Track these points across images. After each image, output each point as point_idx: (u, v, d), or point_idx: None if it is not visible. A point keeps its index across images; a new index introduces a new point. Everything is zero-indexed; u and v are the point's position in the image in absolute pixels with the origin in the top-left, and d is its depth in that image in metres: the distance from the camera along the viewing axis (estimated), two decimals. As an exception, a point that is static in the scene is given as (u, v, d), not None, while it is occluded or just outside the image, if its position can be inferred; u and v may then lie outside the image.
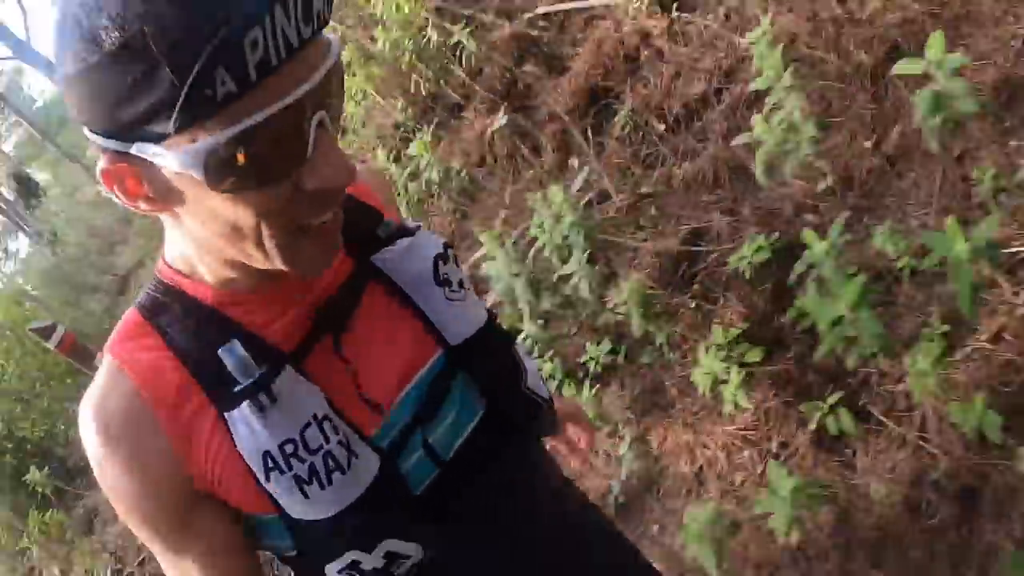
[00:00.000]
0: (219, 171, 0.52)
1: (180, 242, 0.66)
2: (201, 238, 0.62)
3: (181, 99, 0.48)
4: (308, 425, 0.65)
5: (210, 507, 0.68)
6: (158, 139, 0.52)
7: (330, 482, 0.65)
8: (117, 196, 0.57)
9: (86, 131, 0.56)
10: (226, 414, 0.64)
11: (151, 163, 0.53)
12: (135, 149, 0.53)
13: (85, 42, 0.49)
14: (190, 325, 0.66)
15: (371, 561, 0.69)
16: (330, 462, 0.65)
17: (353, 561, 0.69)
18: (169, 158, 0.52)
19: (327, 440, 0.65)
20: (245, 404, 0.63)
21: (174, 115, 0.49)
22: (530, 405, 0.81)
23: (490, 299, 2.43)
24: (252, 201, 0.55)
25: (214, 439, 0.65)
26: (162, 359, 0.65)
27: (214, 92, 0.48)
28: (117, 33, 0.48)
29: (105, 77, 0.50)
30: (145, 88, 0.49)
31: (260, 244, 0.58)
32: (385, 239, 0.75)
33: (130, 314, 0.69)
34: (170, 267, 0.68)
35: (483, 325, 0.77)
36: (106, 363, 0.67)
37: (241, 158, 0.52)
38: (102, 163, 0.56)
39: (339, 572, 0.69)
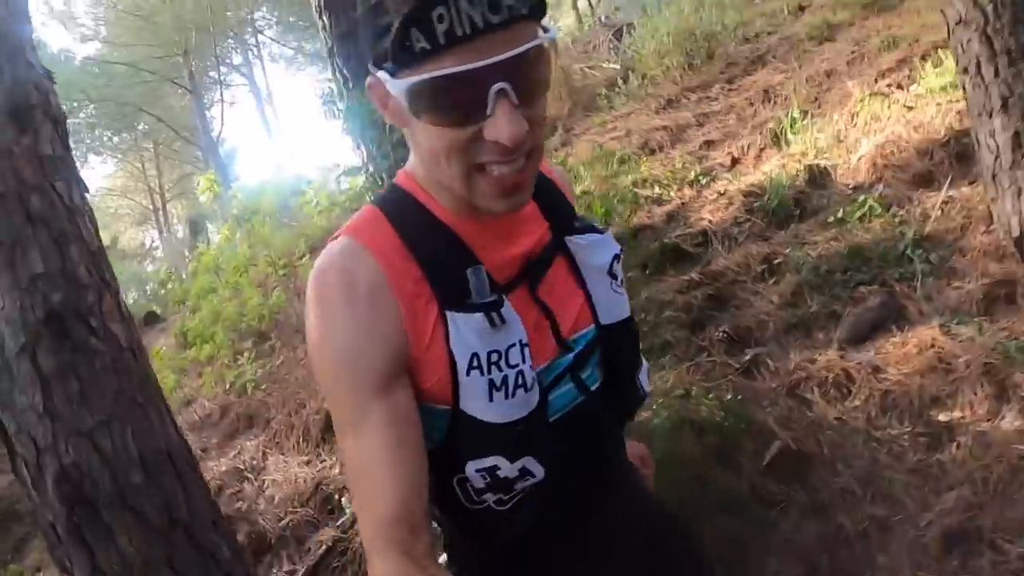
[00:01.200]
0: (415, 104, 0.71)
1: (419, 162, 0.82)
2: (418, 155, 0.81)
3: (396, 46, 0.68)
4: (513, 345, 0.78)
5: (405, 380, 0.78)
6: (391, 72, 0.72)
7: (513, 395, 0.78)
8: (376, 104, 0.78)
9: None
10: (449, 312, 0.78)
11: (387, 87, 0.73)
12: (380, 75, 0.74)
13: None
14: (430, 238, 0.81)
15: (508, 470, 0.81)
16: (519, 379, 0.78)
17: (494, 465, 0.80)
18: (392, 86, 0.72)
19: (523, 361, 0.79)
20: (479, 315, 0.77)
21: (399, 56, 0.70)
22: (635, 392, 0.98)
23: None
24: (440, 135, 0.72)
25: (436, 329, 0.78)
26: (401, 251, 0.80)
27: (412, 46, 0.67)
28: None
29: (369, 22, 0.72)
30: (384, 35, 0.70)
31: (447, 171, 0.75)
32: (579, 228, 0.92)
33: (369, 209, 0.85)
34: (410, 177, 0.85)
35: (626, 318, 0.94)
36: (345, 242, 0.80)
37: (429, 99, 0.70)
38: (370, 77, 0.76)
39: (477, 471, 0.80)
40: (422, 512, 0.74)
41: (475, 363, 0.77)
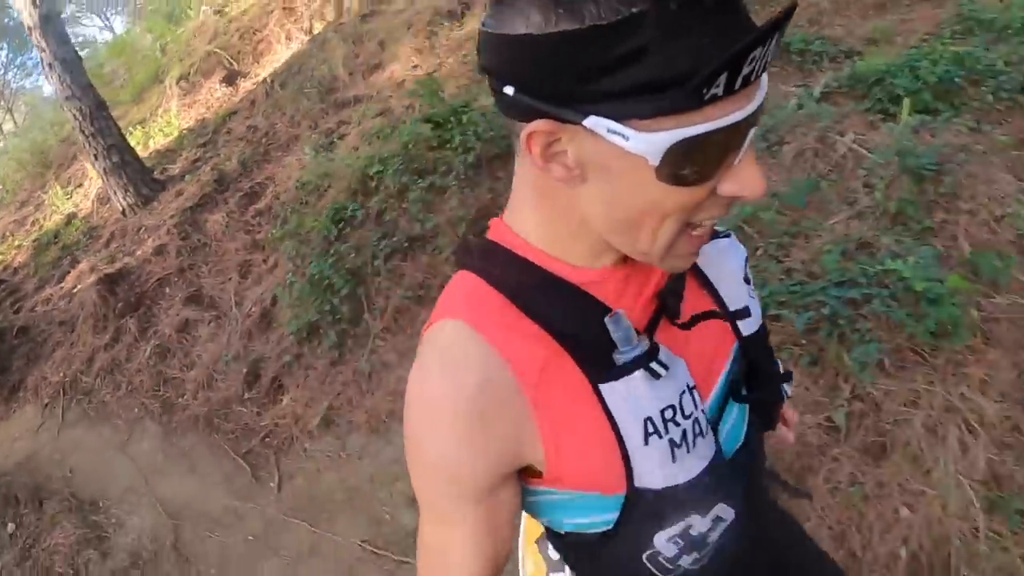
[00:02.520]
0: (674, 162, 0.55)
1: (558, 215, 0.66)
2: (596, 214, 0.63)
3: (688, 88, 0.51)
4: (684, 392, 0.68)
5: (513, 480, 0.69)
6: (620, 117, 0.54)
7: (695, 445, 0.69)
8: (533, 156, 0.59)
9: (510, 90, 0.57)
10: (602, 387, 0.65)
11: (593, 136, 0.55)
12: (590, 122, 0.54)
13: (562, 10, 0.52)
14: (558, 301, 0.68)
15: (701, 524, 0.72)
16: (696, 427, 0.69)
17: (687, 526, 0.71)
18: (630, 138, 0.54)
19: (696, 406, 0.69)
20: (639, 372, 0.65)
21: (656, 99, 0.52)
22: (779, 400, 0.88)
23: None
24: (677, 195, 0.58)
25: (588, 408, 0.66)
26: (527, 328, 0.66)
27: (705, 92, 0.51)
28: (613, 8, 0.50)
29: (580, 46, 0.52)
30: (631, 67, 0.51)
31: (653, 234, 0.62)
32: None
33: (473, 281, 0.70)
34: (527, 242, 0.69)
35: (761, 324, 0.84)
36: (456, 326, 0.66)
37: (692, 154, 0.55)
38: (534, 125, 0.57)
39: (668, 540, 0.71)
40: None
41: (650, 428, 0.66)
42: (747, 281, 0.82)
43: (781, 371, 0.87)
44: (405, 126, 4.22)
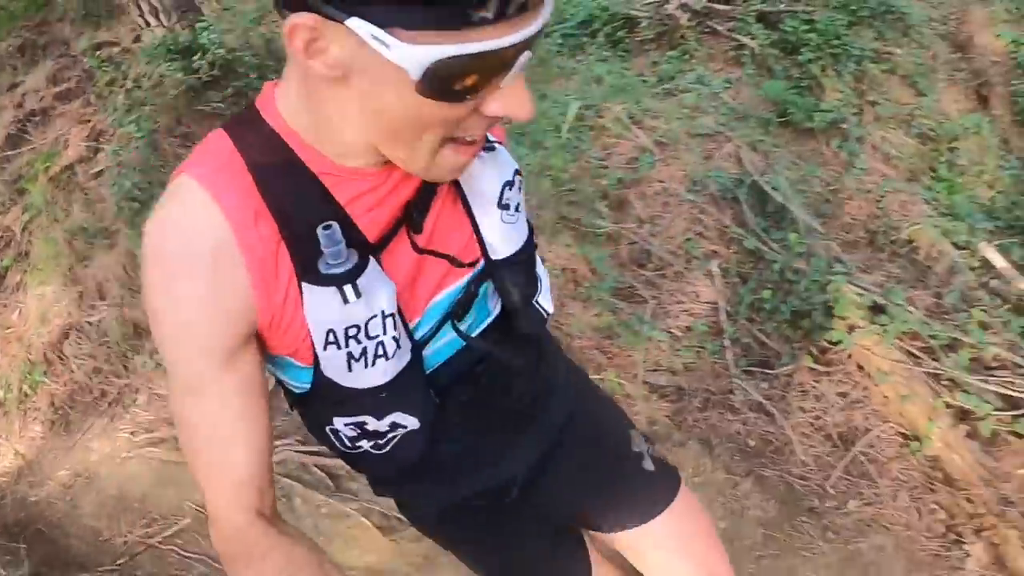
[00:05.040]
0: (435, 80, 0.55)
1: (317, 107, 0.65)
2: (353, 116, 0.63)
3: (442, 5, 0.52)
4: (373, 317, 0.70)
5: (253, 348, 0.71)
6: (383, 23, 0.53)
7: (373, 364, 0.73)
8: (294, 49, 0.58)
9: None
10: (304, 284, 0.68)
11: (356, 39, 0.54)
12: (352, 23, 0.53)
13: None
14: (291, 186, 0.68)
15: (377, 425, 0.79)
16: (380, 349, 0.72)
17: (362, 420, 0.78)
18: (391, 47, 0.53)
19: (384, 332, 0.71)
20: (332, 288, 0.67)
21: (421, 12, 0.52)
22: (536, 317, 0.90)
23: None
24: (436, 110, 0.59)
25: (292, 298, 0.69)
26: (255, 203, 0.67)
27: (469, 12, 0.52)
28: None
29: None
30: None
31: (413, 144, 0.63)
32: None
33: (220, 138, 0.69)
34: (286, 122, 0.68)
35: (522, 246, 0.84)
36: (192, 187, 0.66)
37: (455, 74, 0.55)
38: (297, 17, 0.55)
39: (345, 424, 0.79)
40: (268, 473, 0.74)
41: (330, 338, 0.70)
42: (503, 207, 0.81)
43: (542, 295, 0.90)
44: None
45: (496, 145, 0.82)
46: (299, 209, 0.68)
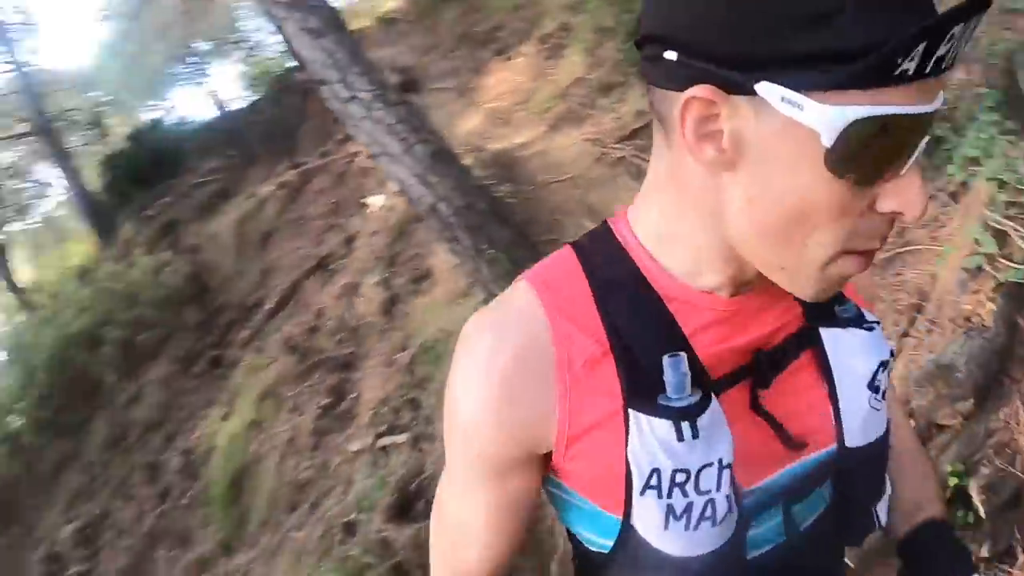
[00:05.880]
0: (849, 146, 0.48)
1: (671, 212, 0.61)
2: (727, 213, 0.56)
3: (868, 55, 0.45)
4: (708, 466, 0.60)
5: (532, 468, 0.66)
6: (797, 85, 0.47)
7: (696, 527, 0.61)
8: (684, 130, 0.52)
9: (672, 55, 0.51)
10: (632, 411, 0.60)
11: (754, 111, 0.49)
12: (761, 87, 0.47)
13: None
14: (634, 304, 0.63)
15: None
16: (708, 510, 0.61)
17: None
18: (804, 108, 0.47)
19: (718, 488, 0.60)
20: (668, 422, 0.59)
21: (845, 68, 0.45)
22: (867, 524, 0.77)
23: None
24: (838, 194, 0.51)
25: (613, 426, 0.61)
26: (588, 313, 0.63)
27: (899, 64, 0.45)
28: None
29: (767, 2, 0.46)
30: (820, 29, 0.45)
31: (801, 248, 0.54)
32: (842, 319, 0.70)
33: (568, 256, 0.67)
34: (636, 236, 0.65)
35: (879, 438, 0.72)
36: (522, 287, 0.65)
37: (869, 142, 0.48)
38: (697, 90, 0.49)
39: None
40: None
41: (653, 482, 0.59)
42: (874, 390, 0.69)
43: (881, 503, 0.76)
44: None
45: (875, 326, 0.72)
46: (639, 330, 0.62)
